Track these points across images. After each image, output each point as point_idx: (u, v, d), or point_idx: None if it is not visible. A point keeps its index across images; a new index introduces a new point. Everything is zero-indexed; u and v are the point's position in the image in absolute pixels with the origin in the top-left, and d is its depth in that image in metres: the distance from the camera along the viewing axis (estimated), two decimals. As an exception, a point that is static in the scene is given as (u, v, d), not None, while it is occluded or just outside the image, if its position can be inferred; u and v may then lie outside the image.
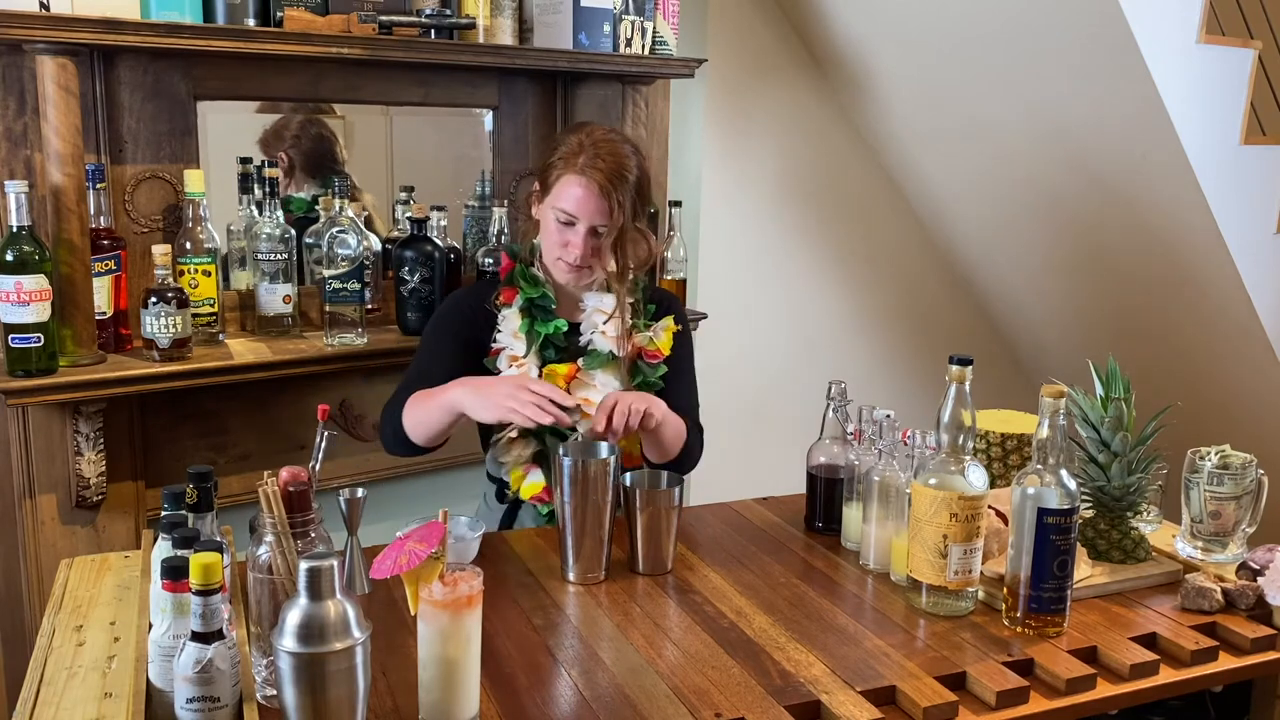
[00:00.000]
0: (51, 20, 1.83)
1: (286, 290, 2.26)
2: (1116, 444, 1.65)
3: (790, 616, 1.53)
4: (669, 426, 1.83)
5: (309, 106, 2.48)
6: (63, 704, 1.25)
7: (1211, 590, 1.56)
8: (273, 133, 2.48)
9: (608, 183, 1.82)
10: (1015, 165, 3.13)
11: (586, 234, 1.84)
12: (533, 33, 2.44)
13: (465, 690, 1.23)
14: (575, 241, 1.85)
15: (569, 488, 1.62)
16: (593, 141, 1.85)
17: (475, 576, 1.24)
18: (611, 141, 1.87)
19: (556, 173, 1.86)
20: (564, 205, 1.84)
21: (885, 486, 1.66)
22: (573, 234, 1.85)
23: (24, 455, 2.05)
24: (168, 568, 1.18)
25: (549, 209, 1.87)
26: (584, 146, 1.84)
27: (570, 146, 1.86)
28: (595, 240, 1.85)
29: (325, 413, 1.45)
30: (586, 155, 1.83)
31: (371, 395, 2.43)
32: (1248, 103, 2.82)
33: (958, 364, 1.51)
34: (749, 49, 3.18)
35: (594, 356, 1.90)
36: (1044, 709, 1.34)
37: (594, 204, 1.83)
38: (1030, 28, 2.71)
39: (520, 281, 1.91)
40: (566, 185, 1.84)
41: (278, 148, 2.48)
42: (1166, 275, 3.06)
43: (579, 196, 1.83)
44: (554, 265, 1.90)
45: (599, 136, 1.87)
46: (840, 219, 3.51)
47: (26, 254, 1.89)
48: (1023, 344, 3.85)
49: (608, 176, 1.82)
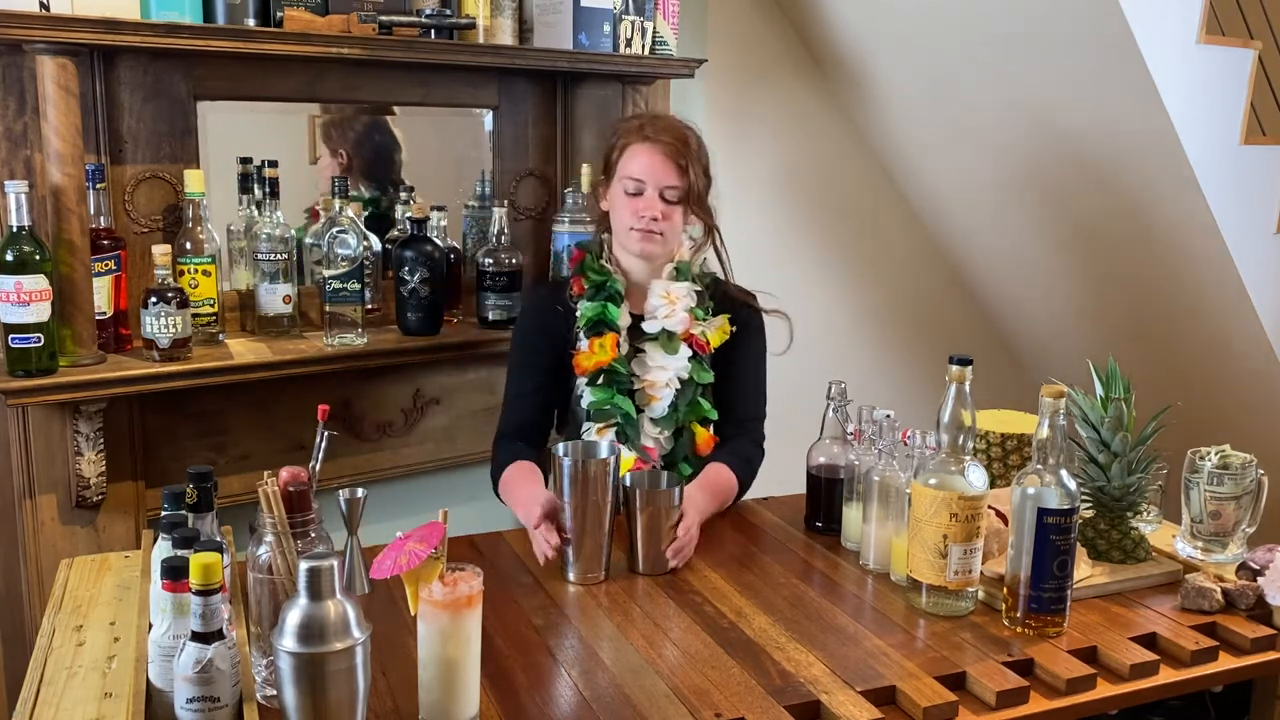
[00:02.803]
0: (51, 20, 1.83)
1: (286, 290, 2.26)
2: (1116, 444, 1.65)
3: (790, 616, 1.53)
4: (716, 505, 1.87)
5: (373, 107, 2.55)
6: (63, 704, 1.25)
7: (1211, 590, 1.56)
8: (334, 124, 2.53)
9: (673, 146, 1.90)
10: (1015, 165, 3.13)
11: (656, 197, 1.89)
12: (533, 33, 2.44)
13: (465, 690, 1.23)
14: (646, 205, 1.89)
15: (569, 488, 1.62)
16: (652, 118, 1.98)
17: (475, 577, 1.24)
18: (670, 117, 2.00)
19: (620, 148, 1.94)
20: (631, 173, 1.90)
21: (885, 486, 1.65)
22: (643, 200, 1.90)
23: (24, 455, 2.05)
24: (168, 568, 1.18)
25: (617, 184, 1.93)
26: (645, 122, 1.95)
27: (630, 125, 1.97)
28: (665, 205, 1.90)
29: (325, 413, 1.45)
30: (649, 127, 1.93)
31: (371, 395, 2.43)
32: (1248, 103, 2.82)
33: (958, 364, 1.51)
34: (749, 49, 3.18)
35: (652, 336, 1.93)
36: (1044, 709, 1.34)
37: (661, 166, 1.89)
38: (1030, 28, 2.71)
39: (589, 271, 1.96)
40: (633, 155, 1.92)
41: (339, 143, 2.52)
42: (1166, 275, 3.06)
43: (645, 161, 1.90)
44: (627, 238, 1.93)
45: (655, 114, 2.00)
46: (840, 219, 3.51)
47: (26, 254, 1.89)
48: (1023, 344, 3.85)
49: (672, 141, 1.91)
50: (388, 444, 2.48)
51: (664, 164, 1.89)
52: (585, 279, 1.96)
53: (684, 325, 1.94)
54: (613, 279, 1.95)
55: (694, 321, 1.95)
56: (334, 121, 2.54)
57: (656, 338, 1.93)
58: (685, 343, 1.94)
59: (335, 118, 2.54)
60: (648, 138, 1.91)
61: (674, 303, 1.94)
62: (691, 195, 1.92)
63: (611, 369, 1.91)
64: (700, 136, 1.97)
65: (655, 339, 1.94)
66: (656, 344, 1.93)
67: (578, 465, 1.62)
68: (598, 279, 1.95)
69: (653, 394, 1.93)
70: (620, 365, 1.92)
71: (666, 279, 1.97)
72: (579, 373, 1.93)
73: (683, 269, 1.98)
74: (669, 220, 1.91)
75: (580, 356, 1.93)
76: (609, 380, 1.92)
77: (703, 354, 1.96)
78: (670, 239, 1.94)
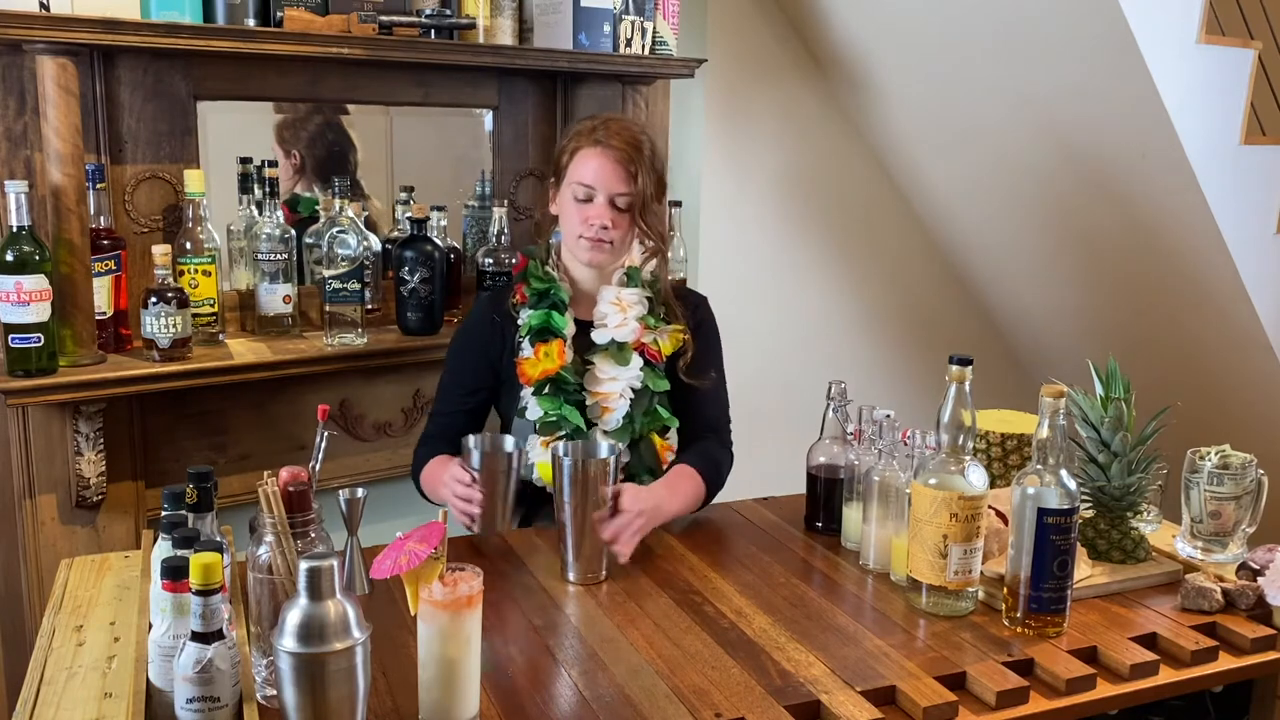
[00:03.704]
0: (51, 20, 1.83)
1: (286, 290, 2.26)
2: (1116, 444, 1.65)
3: (790, 616, 1.53)
4: (679, 504, 1.81)
5: (326, 108, 2.50)
6: (63, 704, 1.25)
7: (1211, 590, 1.56)
8: (287, 126, 2.49)
9: (624, 152, 1.84)
10: (1015, 165, 3.13)
11: (606, 205, 1.84)
12: (533, 33, 2.44)
13: (465, 690, 1.23)
14: (595, 213, 1.84)
15: (569, 488, 1.62)
16: (604, 120, 1.89)
17: (475, 577, 1.24)
18: (622, 119, 1.92)
19: (570, 152, 1.88)
20: (581, 178, 1.85)
21: (885, 486, 1.65)
22: (592, 208, 1.85)
23: (24, 455, 2.05)
24: (168, 568, 1.18)
25: (566, 189, 1.88)
26: (596, 126, 1.88)
27: (581, 128, 1.90)
28: (615, 213, 1.85)
29: (325, 413, 1.45)
30: (600, 130, 1.86)
31: (371, 395, 2.43)
32: (1248, 103, 2.82)
33: (958, 364, 1.51)
34: (749, 49, 3.18)
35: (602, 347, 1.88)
36: (1044, 709, 1.34)
37: (611, 172, 1.84)
38: (1030, 28, 2.71)
39: (531, 278, 1.91)
40: (583, 159, 1.85)
41: (293, 144, 2.49)
42: (1166, 275, 3.06)
43: (596, 166, 1.84)
44: (575, 246, 1.88)
45: (609, 117, 1.92)
46: (840, 219, 3.51)
47: (26, 254, 1.89)
48: (1023, 344, 3.85)
49: (624, 146, 1.84)
50: (387, 444, 2.48)
51: (614, 170, 1.83)
52: (527, 285, 1.90)
53: (635, 334, 1.88)
54: (557, 286, 1.89)
55: (645, 330, 1.89)
56: (286, 123, 2.49)
57: (606, 348, 1.88)
58: (636, 352, 1.88)
59: (289, 118, 2.49)
60: (599, 142, 1.84)
61: (625, 310, 1.88)
62: (639, 203, 1.85)
63: (559, 377, 1.85)
64: (654, 142, 1.91)
65: (605, 349, 1.88)
66: (606, 354, 1.87)
67: (578, 465, 1.61)
68: (540, 286, 1.89)
69: (606, 405, 1.86)
70: (568, 374, 1.85)
71: (617, 284, 1.91)
72: (524, 381, 1.86)
73: (633, 275, 1.92)
74: (618, 229, 1.85)
75: (525, 364, 1.86)
76: (555, 390, 1.85)
77: (656, 363, 1.90)
78: (619, 248, 1.88)
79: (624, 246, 1.90)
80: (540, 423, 1.85)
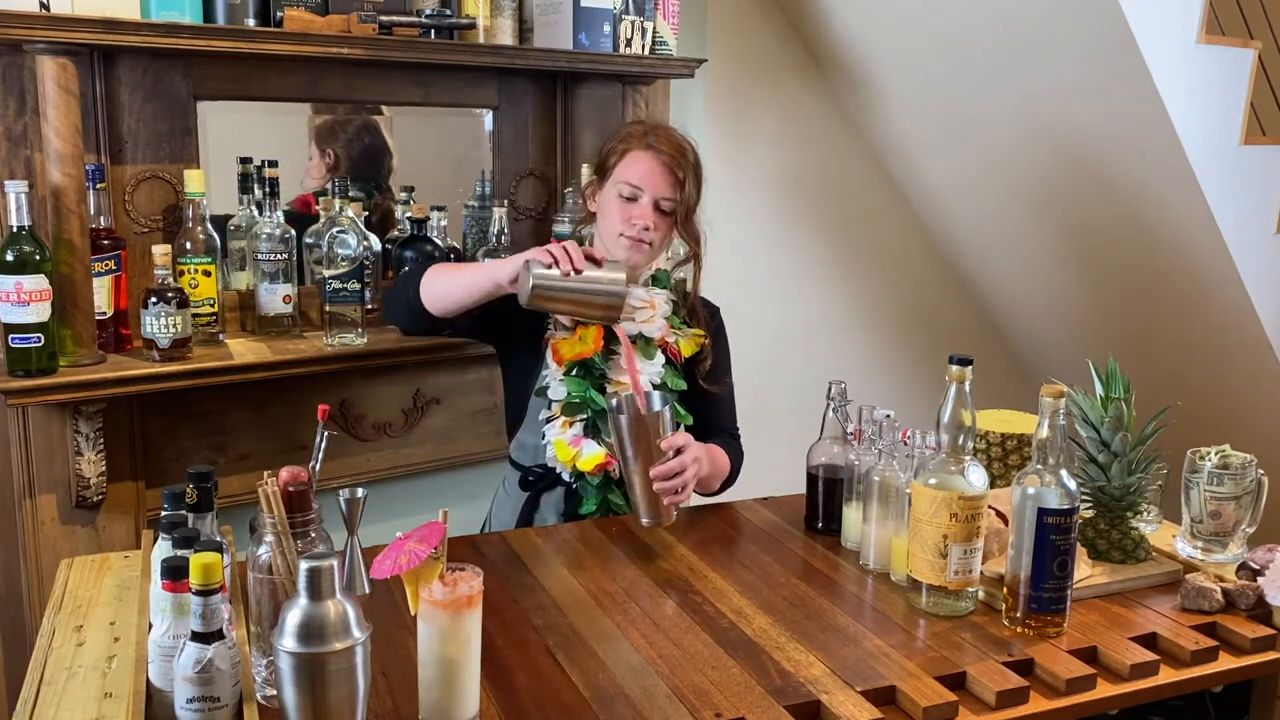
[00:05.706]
0: (51, 20, 1.83)
1: (286, 290, 2.26)
2: (1116, 444, 1.65)
3: (790, 616, 1.53)
4: (708, 468, 1.87)
5: (365, 109, 2.55)
6: (63, 704, 1.25)
7: (1211, 590, 1.56)
8: (326, 128, 2.53)
9: (674, 158, 1.90)
10: (1015, 164, 3.13)
11: (650, 206, 1.89)
12: (533, 33, 2.44)
13: (465, 690, 1.23)
14: (639, 213, 1.89)
15: (629, 438, 1.69)
16: (654, 126, 1.97)
17: (475, 577, 1.24)
18: (671, 128, 1.99)
19: (619, 152, 1.93)
20: (630, 178, 1.89)
21: (885, 486, 1.65)
22: (637, 207, 1.89)
23: (24, 455, 2.05)
24: (168, 568, 1.18)
25: (612, 187, 1.92)
26: (646, 130, 1.94)
27: (631, 130, 1.96)
28: (658, 216, 1.90)
29: (325, 413, 1.45)
30: (651, 135, 1.92)
31: (371, 395, 2.43)
32: (1248, 103, 2.82)
33: (958, 364, 1.51)
34: (749, 49, 3.18)
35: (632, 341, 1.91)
36: (1044, 709, 1.34)
37: (660, 175, 1.89)
38: (1030, 28, 2.71)
39: None
40: (633, 161, 1.90)
41: (331, 144, 2.53)
42: (1167, 275, 3.06)
43: (645, 169, 1.89)
44: (615, 244, 1.91)
45: (659, 123, 1.99)
46: (840, 219, 3.51)
47: (26, 254, 1.89)
48: (1023, 344, 3.85)
49: (674, 153, 1.90)
50: (387, 444, 2.48)
51: (663, 174, 1.89)
52: None
53: (661, 332, 1.93)
54: None
55: (669, 329, 1.95)
56: (326, 123, 2.55)
57: (634, 341, 1.92)
58: (660, 349, 1.93)
59: (328, 120, 2.54)
60: (650, 145, 1.90)
61: (655, 308, 1.93)
62: (682, 211, 1.91)
63: (590, 362, 1.89)
64: (698, 151, 1.96)
65: (632, 343, 1.91)
66: (634, 348, 1.91)
67: (634, 416, 1.70)
68: None
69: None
70: (599, 360, 1.90)
71: (643, 284, 1.96)
72: (556, 361, 1.90)
73: (660, 277, 1.97)
74: (659, 231, 1.90)
75: (561, 344, 1.90)
76: (584, 373, 1.89)
77: (676, 361, 1.95)
78: (656, 250, 1.94)
79: (660, 250, 1.95)
80: (565, 403, 1.89)
